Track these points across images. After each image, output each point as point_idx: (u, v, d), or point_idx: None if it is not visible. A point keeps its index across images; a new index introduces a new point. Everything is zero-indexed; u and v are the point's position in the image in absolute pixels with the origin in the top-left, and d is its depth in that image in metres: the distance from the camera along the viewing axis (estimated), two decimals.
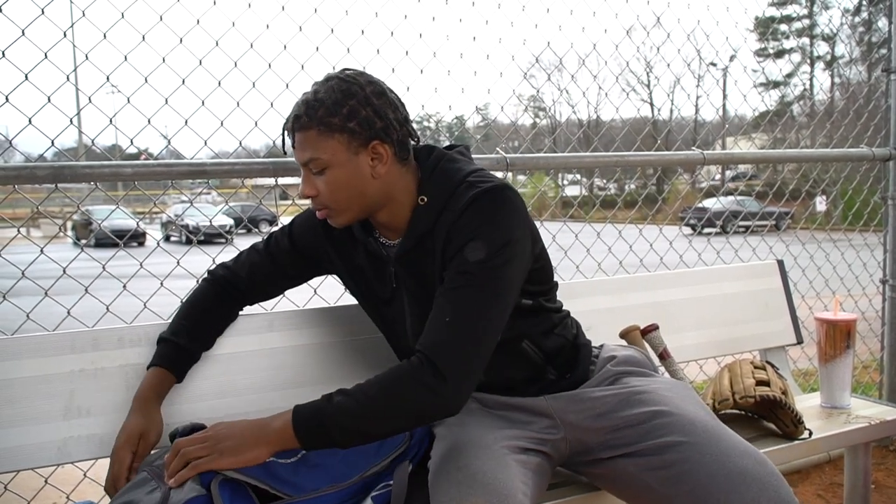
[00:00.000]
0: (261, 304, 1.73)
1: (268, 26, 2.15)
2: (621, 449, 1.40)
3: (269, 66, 2.16)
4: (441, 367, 1.23)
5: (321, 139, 1.32)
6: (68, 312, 2.01)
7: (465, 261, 1.29)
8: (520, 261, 1.33)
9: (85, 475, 2.04)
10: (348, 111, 1.31)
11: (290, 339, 1.74)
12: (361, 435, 1.26)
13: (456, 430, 1.42)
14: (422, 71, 2.41)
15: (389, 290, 1.48)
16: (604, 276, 2.34)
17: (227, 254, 2.22)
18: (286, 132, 1.39)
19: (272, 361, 1.71)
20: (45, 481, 2.02)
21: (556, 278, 1.57)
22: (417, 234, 1.39)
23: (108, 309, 2.05)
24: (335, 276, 1.63)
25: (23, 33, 1.83)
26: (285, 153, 1.44)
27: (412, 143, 1.43)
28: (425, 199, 1.39)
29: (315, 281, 1.82)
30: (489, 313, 1.28)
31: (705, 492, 1.26)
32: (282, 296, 1.85)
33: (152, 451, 1.44)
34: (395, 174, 1.39)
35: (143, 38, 1.99)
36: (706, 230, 3.35)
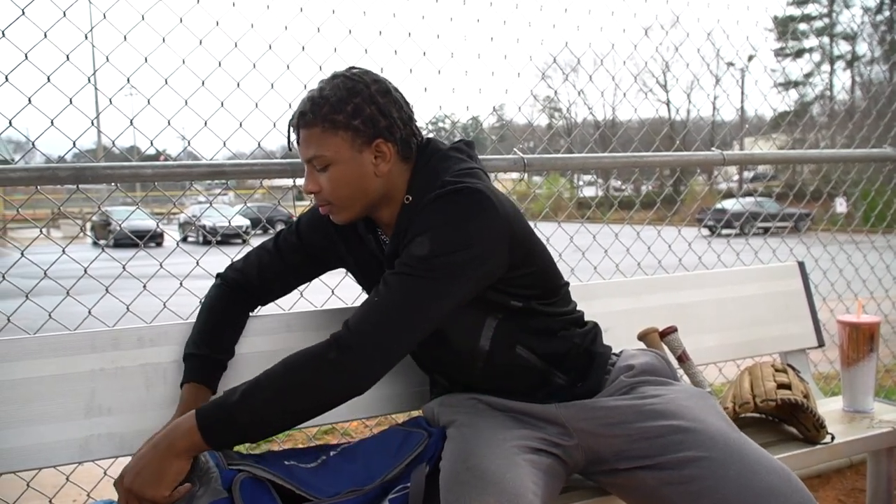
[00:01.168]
0: (277, 304, 1.74)
1: (286, 28, 2.16)
2: (639, 461, 1.35)
3: (288, 67, 2.17)
4: (352, 345, 1.22)
5: (325, 136, 1.33)
6: (89, 312, 2.02)
7: (408, 253, 1.28)
8: (470, 267, 1.27)
9: (105, 473, 2.05)
10: (353, 109, 1.32)
11: (307, 339, 1.73)
12: (269, 418, 1.24)
13: (466, 430, 1.40)
14: (439, 71, 2.41)
15: None
16: (621, 277, 2.33)
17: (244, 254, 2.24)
18: (291, 128, 1.40)
19: None
20: (67, 479, 2.03)
21: (572, 280, 1.55)
22: (400, 234, 1.37)
23: (128, 308, 2.06)
24: (346, 270, 1.63)
25: (45, 36, 1.84)
26: (290, 149, 1.43)
27: (416, 141, 1.42)
28: (410, 199, 1.38)
29: (332, 281, 1.82)
30: (416, 306, 1.25)
31: None
32: (299, 296, 1.86)
33: None
34: (397, 173, 1.39)
35: (164, 39, 2.00)
36: (724, 231, 3.31)
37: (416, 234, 1.28)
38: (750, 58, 3.73)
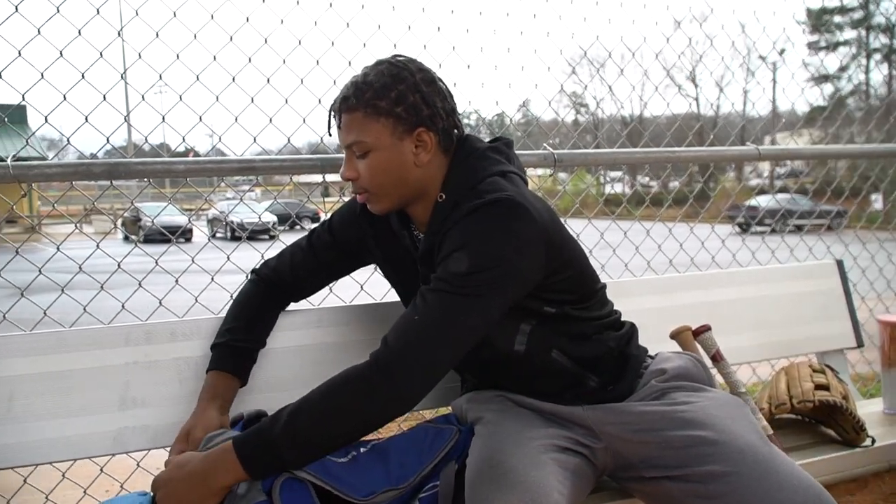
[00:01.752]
0: (308, 299, 1.74)
1: (315, 23, 2.16)
2: (665, 471, 1.32)
3: (317, 62, 2.17)
4: (393, 366, 1.19)
5: (367, 122, 1.31)
6: (122, 306, 2.04)
7: (447, 269, 1.24)
8: (508, 281, 1.24)
9: (138, 465, 2.08)
10: (396, 95, 1.30)
11: (337, 334, 1.74)
12: (312, 445, 1.21)
13: (492, 427, 1.39)
14: (469, 66, 2.40)
15: (418, 287, 1.47)
16: (653, 274, 2.29)
17: (274, 250, 2.25)
18: (332, 113, 1.38)
19: (319, 356, 1.71)
20: (101, 470, 2.06)
21: (602, 277, 1.52)
22: (433, 231, 1.36)
23: (160, 303, 2.08)
24: (376, 266, 1.62)
25: (79, 33, 1.86)
26: (330, 134, 1.42)
27: (457, 134, 1.41)
28: (444, 197, 1.36)
29: (362, 277, 1.82)
30: (457, 324, 1.22)
31: None
32: (329, 292, 1.86)
33: (215, 433, 1.44)
34: (436, 165, 1.37)
35: (195, 36, 2.01)
36: (757, 229, 3.26)
37: (454, 248, 1.25)
38: (782, 51, 3.65)
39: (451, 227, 1.29)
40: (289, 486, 1.26)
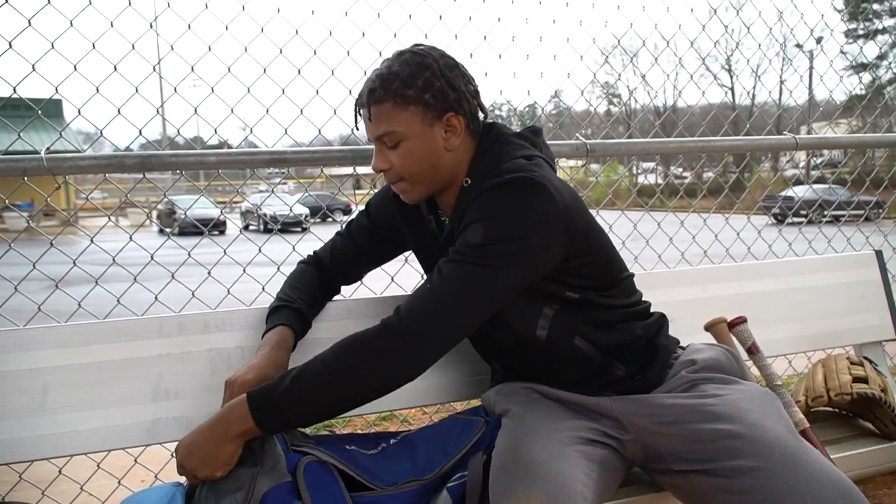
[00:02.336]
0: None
1: (346, 13, 2.15)
2: (694, 464, 1.29)
3: (348, 53, 2.17)
4: (403, 331, 1.20)
5: (396, 111, 1.32)
6: (156, 298, 2.07)
7: (462, 240, 1.25)
8: (523, 256, 1.23)
9: (172, 455, 2.09)
10: (423, 83, 1.31)
11: (367, 325, 1.72)
12: (318, 404, 1.23)
13: (517, 420, 1.38)
14: (500, 56, 2.38)
15: None
16: (687, 266, 2.26)
17: (305, 242, 2.25)
18: (358, 108, 1.39)
19: None
20: (135, 461, 2.09)
21: (635, 268, 1.50)
22: (458, 215, 1.36)
23: (193, 294, 2.10)
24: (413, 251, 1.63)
25: (111, 25, 1.88)
26: (357, 128, 1.43)
27: (482, 117, 1.42)
28: (469, 182, 1.37)
29: (393, 268, 1.82)
30: (469, 294, 1.23)
31: None
32: (360, 283, 1.86)
33: None
34: (465, 150, 1.38)
35: (227, 28, 2.02)
36: (792, 220, 3.19)
37: (471, 221, 1.26)
38: (819, 39, 3.57)
39: (469, 203, 1.30)
40: (312, 468, 1.27)
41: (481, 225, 1.23)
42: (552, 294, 1.36)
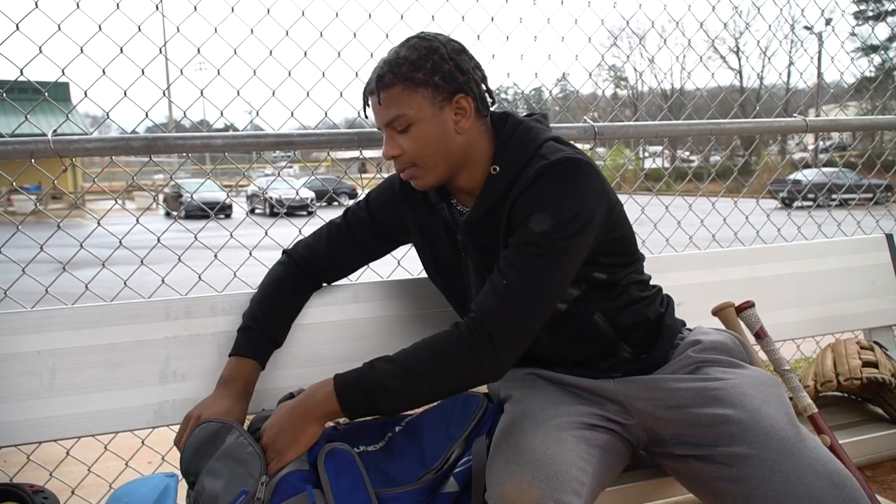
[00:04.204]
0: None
1: None
2: (693, 449, 1.30)
3: (354, 35, 2.15)
4: (490, 331, 1.22)
5: (406, 95, 1.31)
6: (163, 280, 2.07)
7: (529, 231, 1.26)
8: (586, 233, 1.27)
9: None
10: (432, 66, 1.31)
11: (373, 310, 1.74)
12: (406, 398, 1.26)
13: (518, 406, 1.38)
14: (507, 38, 2.35)
15: (458, 259, 1.47)
16: (695, 249, 2.24)
17: (311, 225, 2.25)
18: (367, 96, 1.38)
19: (355, 332, 1.71)
20: (142, 442, 2.10)
21: (644, 252, 1.50)
22: (487, 205, 1.36)
23: (199, 277, 2.10)
24: (413, 244, 1.62)
25: (117, 7, 1.87)
26: (366, 116, 1.41)
27: (490, 101, 1.42)
28: (497, 169, 1.36)
29: (399, 252, 1.81)
30: (547, 283, 1.25)
31: None
32: (366, 267, 1.86)
33: (256, 416, 1.46)
34: (476, 132, 1.37)
35: (233, 9, 2.01)
36: (797, 204, 3.18)
37: (532, 210, 1.27)
38: (829, 21, 3.53)
39: (520, 193, 1.30)
40: (334, 456, 1.29)
41: (546, 213, 1.25)
42: (580, 276, 1.36)
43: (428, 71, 1.31)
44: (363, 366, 1.27)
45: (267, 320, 1.56)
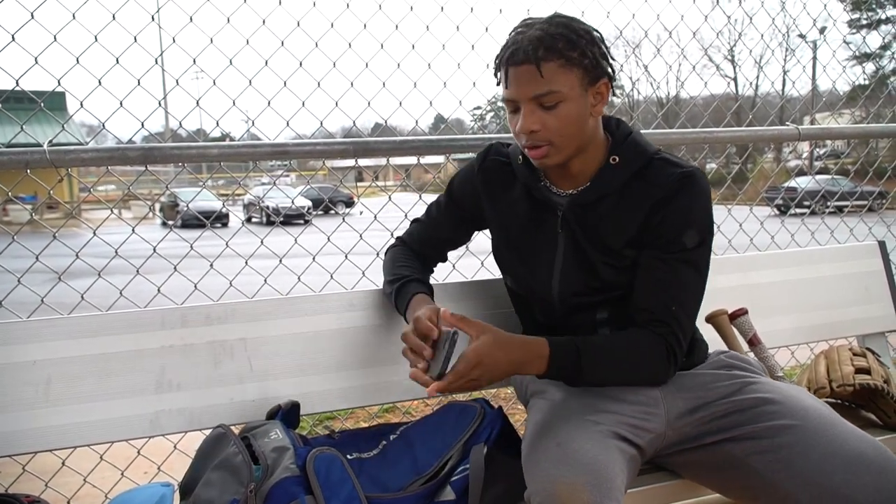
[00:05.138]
0: (341, 284, 1.74)
1: (348, 5, 2.15)
2: (727, 433, 1.35)
3: (350, 45, 2.16)
4: (675, 347, 1.35)
5: (562, 72, 1.31)
6: (158, 290, 2.07)
7: (684, 247, 1.36)
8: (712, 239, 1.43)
9: (175, 447, 2.11)
10: (583, 48, 1.32)
11: (369, 318, 1.74)
12: (600, 381, 1.37)
13: (558, 404, 1.39)
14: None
15: (548, 237, 1.47)
16: None
17: (307, 234, 2.26)
18: (508, 65, 1.34)
19: (352, 339, 1.71)
20: (138, 452, 2.10)
21: None
22: (603, 191, 1.41)
23: (195, 287, 2.10)
24: (486, 230, 1.63)
25: (113, 18, 1.88)
26: (507, 87, 1.36)
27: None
28: (617, 160, 1.41)
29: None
30: (700, 296, 1.39)
31: (819, 473, 1.20)
32: (362, 276, 1.87)
33: (258, 429, 1.45)
34: (596, 122, 1.41)
35: (228, 20, 2.02)
36: (797, 211, 3.18)
37: (684, 226, 1.36)
38: (822, 29, 3.55)
39: (663, 198, 1.37)
40: (324, 460, 1.29)
41: (695, 229, 1.36)
42: None
43: (581, 52, 1.32)
44: (568, 339, 1.33)
45: (418, 273, 1.60)
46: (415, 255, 1.67)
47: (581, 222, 1.43)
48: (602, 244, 1.40)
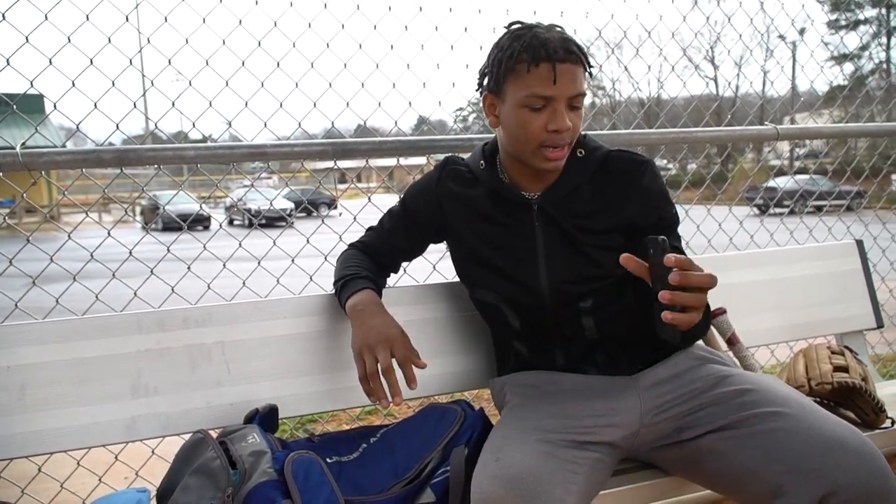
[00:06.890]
0: (321, 286, 1.73)
1: (325, 5, 2.13)
2: (707, 426, 1.36)
3: (328, 45, 2.15)
4: None
5: (584, 76, 1.39)
6: (135, 294, 2.05)
7: (671, 216, 1.48)
8: None
9: (153, 452, 2.08)
10: (586, 54, 1.41)
11: (348, 320, 1.72)
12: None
13: (512, 414, 1.40)
14: (481, 48, 2.36)
15: (525, 233, 1.47)
16: None
17: (286, 236, 2.24)
18: (554, 62, 1.33)
19: (330, 342, 1.70)
20: (116, 458, 2.07)
21: None
22: (576, 181, 1.46)
23: (173, 290, 2.08)
24: (447, 240, 1.62)
25: (87, 18, 1.85)
26: (554, 83, 1.34)
27: None
28: (583, 153, 1.48)
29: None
30: None
31: (800, 459, 1.21)
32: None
33: (237, 433, 1.44)
34: None
35: (204, 20, 2.00)
36: (776, 210, 3.20)
37: (663, 201, 1.48)
38: (802, 30, 3.59)
39: (644, 189, 1.45)
40: (302, 464, 1.28)
41: (670, 205, 1.50)
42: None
43: (586, 58, 1.39)
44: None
45: (367, 272, 1.59)
46: (368, 258, 1.66)
47: (560, 211, 1.45)
48: (585, 227, 1.43)
